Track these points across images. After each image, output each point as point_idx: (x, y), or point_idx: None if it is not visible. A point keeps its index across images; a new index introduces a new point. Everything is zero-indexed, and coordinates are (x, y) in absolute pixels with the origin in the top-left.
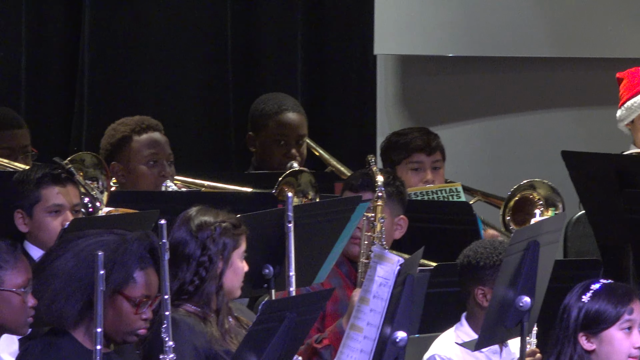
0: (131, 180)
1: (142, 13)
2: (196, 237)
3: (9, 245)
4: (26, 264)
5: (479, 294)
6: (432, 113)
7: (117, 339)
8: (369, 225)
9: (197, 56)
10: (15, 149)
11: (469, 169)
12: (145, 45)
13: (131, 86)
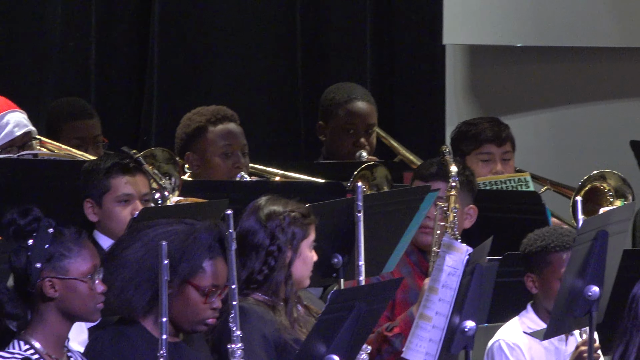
0: (205, 171)
1: (212, 3)
2: (265, 227)
3: (73, 233)
4: (92, 251)
5: (529, 281)
6: (500, 103)
7: (186, 328)
8: (442, 215)
9: (266, 46)
10: (86, 139)
11: (537, 158)
12: (215, 35)
13: (200, 76)
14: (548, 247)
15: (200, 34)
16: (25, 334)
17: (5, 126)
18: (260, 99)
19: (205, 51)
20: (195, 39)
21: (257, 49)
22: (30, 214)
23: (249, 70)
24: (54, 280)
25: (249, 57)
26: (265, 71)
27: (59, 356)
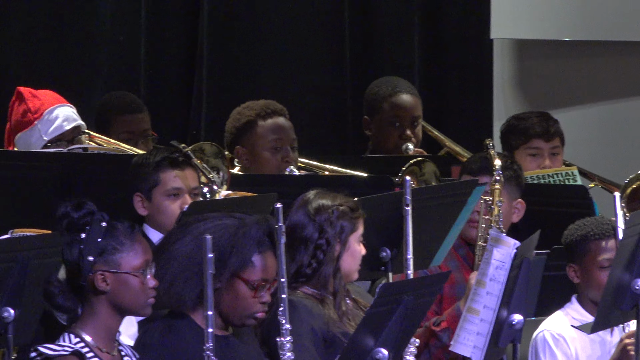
0: (255, 165)
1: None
2: (314, 220)
3: (127, 228)
4: (144, 246)
5: (570, 271)
6: (548, 96)
7: (235, 321)
8: (487, 209)
9: (315, 41)
10: (136, 133)
11: (584, 152)
12: (264, 31)
13: (249, 70)
14: (587, 236)
15: (249, 29)
16: (76, 327)
17: (54, 120)
18: (308, 94)
19: (254, 47)
20: (244, 34)
21: (305, 44)
22: (83, 208)
23: (297, 65)
24: (105, 273)
25: (297, 52)
26: (313, 66)
27: (109, 350)
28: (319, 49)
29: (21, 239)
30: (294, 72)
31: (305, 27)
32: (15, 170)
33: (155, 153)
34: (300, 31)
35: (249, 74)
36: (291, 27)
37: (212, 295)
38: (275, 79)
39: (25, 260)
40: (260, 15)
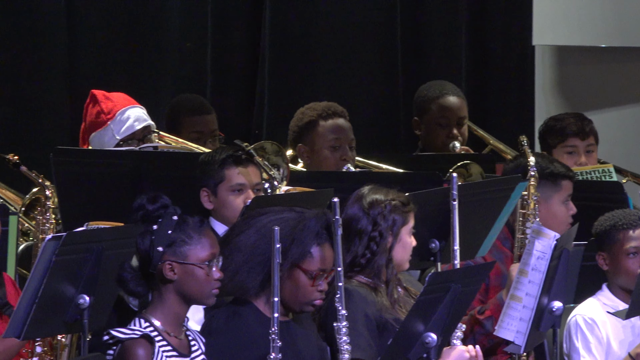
0: (315, 162)
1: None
2: (368, 214)
3: (196, 222)
4: (212, 240)
5: (600, 259)
6: (585, 99)
7: (295, 308)
8: (523, 203)
9: (369, 48)
10: (204, 133)
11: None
12: (321, 38)
13: (308, 76)
14: (616, 225)
15: (307, 36)
16: (146, 312)
17: (126, 120)
18: (363, 98)
19: (313, 53)
20: (303, 42)
21: (361, 51)
22: (158, 201)
23: (353, 71)
24: (173, 264)
25: (353, 59)
26: (368, 72)
27: (177, 334)
28: (373, 56)
29: (95, 231)
30: (350, 78)
31: (361, 36)
32: (89, 167)
33: (220, 151)
34: (356, 39)
35: (308, 79)
36: (348, 35)
37: (278, 282)
38: (332, 84)
39: (100, 251)
40: (318, 25)
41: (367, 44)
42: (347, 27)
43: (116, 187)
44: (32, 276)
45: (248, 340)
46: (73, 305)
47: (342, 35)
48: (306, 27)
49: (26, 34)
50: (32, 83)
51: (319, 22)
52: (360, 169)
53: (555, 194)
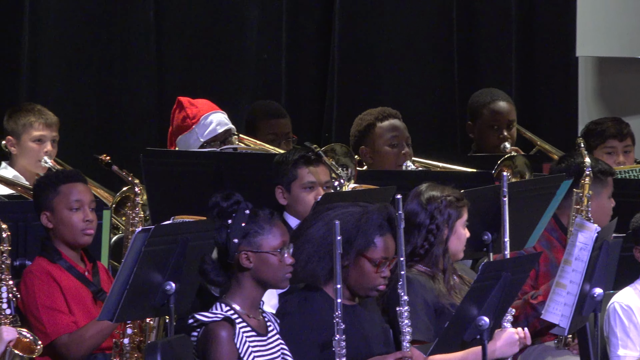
0: (377, 161)
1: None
2: (426, 209)
3: (267, 214)
4: (282, 229)
5: (636, 252)
6: (624, 105)
7: (361, 293)
8: (578, 200)
9: (428, 59)
10: (279, 135)
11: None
12: (385, 48)
13: (372, 82)
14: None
15: (372, 48)
16: (226, 297)
17: (209, 125)
18: (423, 104)
19: (377, 64)
20: (369, 53)
21: (420, 61)
22: (231, 198)
23: (413, 79)
24: (248, 253)
25: (414, 68)
26: (427, 80)
27: (255, 316)
28: (432, 66)
29: (181, 224)
30: (411, 85)
31: (422, 47)
32: (176, 166)
33: (293, 152)
34: (416, 50)
35: (373, 86)
36: (409, 47)
37: (341, 271)
38: (394, 91)
39: (184, 242)
40: (382, 36)
41: (427, 55)
42: (409, 39)
43: (200, 184)
44: (124, 265)
45: (318, 323)
46: (160, 291)
47: (404, 47)
48: (371, 40)
49: (119, 46)
50: (124, 90)
51: (383, 36)
52: (419, 167)
53: (604, 189)
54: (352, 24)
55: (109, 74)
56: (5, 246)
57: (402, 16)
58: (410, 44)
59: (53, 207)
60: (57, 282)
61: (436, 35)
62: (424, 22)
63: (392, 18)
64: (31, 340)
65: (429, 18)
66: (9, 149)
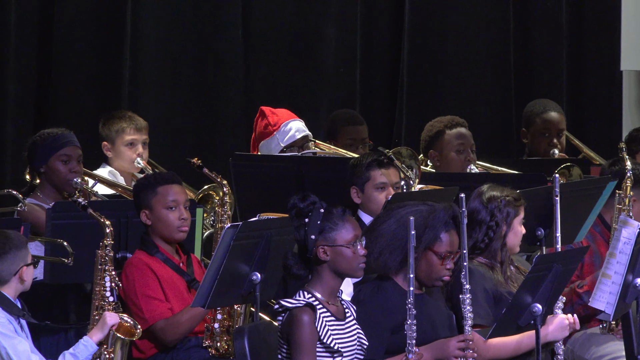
0: (444, 165)
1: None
2: (487, 207)
3: (339, 212)
4: (354, 224)
5: None
6: None
7: (427, 283)
8: (620, 200)
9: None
10: (357, 140)
11: None
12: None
13: (437, 94)
14: None
15: (437, 61)
16: (308, 286)
17: (289, 131)
18: (483, 112)
19: (441, 75)
20: (433, 66)
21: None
22: (308, 199)
23: (474, 90)
24: (325, 247)
25: (475, 80)
26: (487, 91)
27: (333, 303)
28: (491, 77)
29: (265, 221)
30: (472, 96)
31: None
32: (260, 169)
33: (366, 156)
34: (477, 63)
35: (438, 96)
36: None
37: (414, 262)
38: (457, 100)
39: (269, 237)
40: (447, 51)
41: (487, 68)
42: (471, 54)
43: (282, 184)
44: (215, 257)
45: (389, 309)
46: (247, 281)
47: (467, 61)
48: (437, 54)
49: (210, 59)
50: (215, 100)
51: (447, 50)
52: (480, 170)
53: None
54: (419, 40)
55: (201, 85)
56: (109, 240)
57: (464, 33)
58: (472, 58)
59: (151, 206)
60: (155, 273)
61: (495, 50)
62: (484, 39)
63: (456, 34)
64: (131, 325)
65: (488, 36)
66: (106, 153)
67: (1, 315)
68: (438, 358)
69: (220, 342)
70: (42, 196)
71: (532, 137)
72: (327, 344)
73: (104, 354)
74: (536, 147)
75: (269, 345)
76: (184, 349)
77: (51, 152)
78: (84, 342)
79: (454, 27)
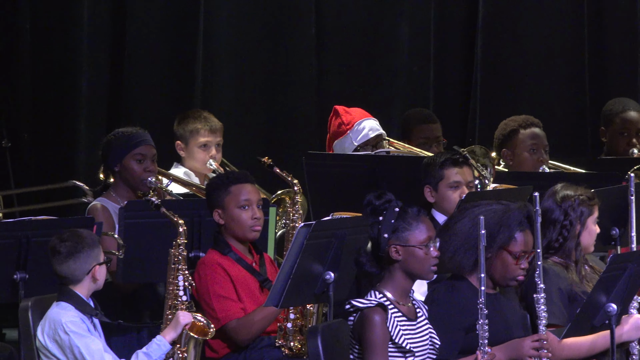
0: (516, 164)
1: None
2: (560, 207)
3: (414, 211)
4: (428, 225)
5: None
6: None
7: (502, 283)
8: None
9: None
10: (431, 139)
11: None
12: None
13: (511, 92)
14: None
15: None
16: (379, 286)
17: (362, 130)
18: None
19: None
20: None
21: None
22: (383, 197)
23: (549, 90)
24: (398, 247)
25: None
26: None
27: (405, 303)
28: (565, 77)
29: (339, 220)
30: (547, 96)
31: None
32: (334, 168)
33: (440, 155)
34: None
35: (512, 94)
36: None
37: (484, 262)
38: (531, 99)
39: (342, 236)
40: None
41: (561, 67)
42: (545, 52)
43: (356, 183)
44: (288, 256)
45: (463, 308)
46: (321, 280)
47: (541, 59)
48: (510, 53)
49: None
50: (287, 99)
51: (521, 49)
52: (553, 170)
53: None
54: (493, 39)
55: (274, 84)
56: (182, 239)
57: (538, 31)
58: (546, 57)
59: (224, 206)
60: (227, 273)
61: (569, 49)
62: (558, 38)
63: (530, 32)
64: (205, 324)
65: (562, 34)
66: (179, 152)
67: (74, 314)
68: (512, 358)
69: (294, 342)
70: (115, 195)
71: (610, 136)
72: (398, 343)
73: (177, 354)
74: (615, 146)
75: (341, 344)
76: (256, 349)
77: (125, 151)
78: (157, 341)
79: (527, 25)
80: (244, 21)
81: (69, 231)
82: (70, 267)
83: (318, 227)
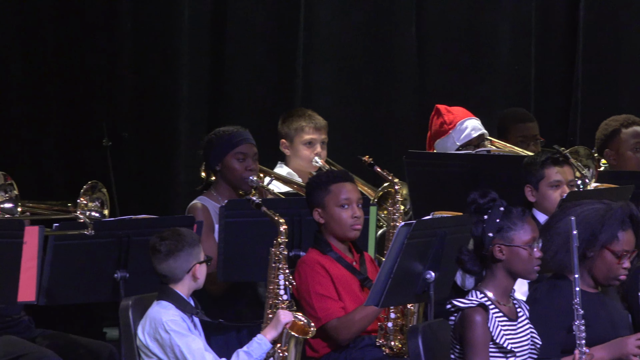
0: (620, 163)
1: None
2: None
3: (519, 212)
4: (533, 226)
5: None
6: None
7: (603, 282)
8: None
9: None
10: (528, 137)
11: None
12: (625, 57)
13: (614, 90)
14: None
15: (613, 58)
16: (481, 286)
17: (464, 130)
18: None
19: (618, 72)
20: (610, 63)
21: None
22: (488, 196)
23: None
24: (501, 246)
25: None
26: None
27: (506, 303)
28: None
29: (440, 219)
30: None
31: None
32: (436, 167)
33: (541, 154)
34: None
35: (614, 93)
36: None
37: (577, 263)
38: (635, 98)
39: (443, 235)
40: (623, 48)
41: None
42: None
43: (457, 183)
44: (388, 256)
45: (565, 308)
46: (421, 280)
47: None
48: (613, 51)
49: (385, 58)
50: (388, 98)
51: (624, 47)
52: None
53: None
54: (595, 38)
55: (374, 83)
56: (283, 238)
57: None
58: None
59: (324, 205)
60: (328, 272)
61: None
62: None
63: (631, 32)
64: (305, 323)
65: None
66: (284, 151)
67: (174, 313)
68: (616, 356)
69: (394, 341)
70: (216, 194)
71: None
72: (500, 344)
73: (278, 353)
74: None
75: (442, 344)
76: (357, 348)
77: (227, 150)
78: (258, 340)
79: (629, 24)
80: (344, 20)
81: (170, 230)
82: (171, 265)
83: (419, 226)
